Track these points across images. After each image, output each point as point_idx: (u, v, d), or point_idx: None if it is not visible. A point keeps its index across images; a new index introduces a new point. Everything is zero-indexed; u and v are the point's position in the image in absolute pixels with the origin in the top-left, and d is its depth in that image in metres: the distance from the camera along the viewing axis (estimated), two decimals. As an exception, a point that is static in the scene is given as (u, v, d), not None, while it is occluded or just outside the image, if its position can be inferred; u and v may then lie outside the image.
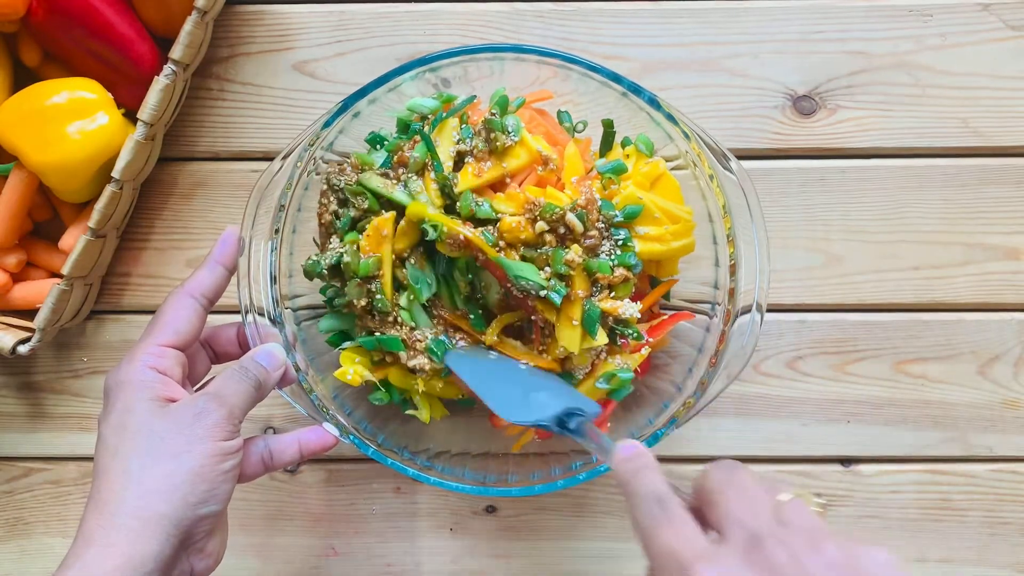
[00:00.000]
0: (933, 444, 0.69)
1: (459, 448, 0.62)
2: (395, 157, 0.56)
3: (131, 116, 0.63)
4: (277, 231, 0.55)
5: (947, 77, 0.68)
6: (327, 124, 0.54)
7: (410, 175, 0.55)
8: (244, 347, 0.56)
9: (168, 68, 0.61)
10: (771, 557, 0.35)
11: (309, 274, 0.57)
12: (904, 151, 0.68)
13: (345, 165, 0.57)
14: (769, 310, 0.68)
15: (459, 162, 0.56)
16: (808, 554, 0.35)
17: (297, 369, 0.55)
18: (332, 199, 0.57)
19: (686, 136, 0.54)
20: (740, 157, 0.68)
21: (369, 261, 0.54)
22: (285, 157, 0.55)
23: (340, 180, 0.57)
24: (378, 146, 0.58)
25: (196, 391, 0.51)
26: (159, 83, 0.61)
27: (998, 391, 0.69)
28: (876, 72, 0.68)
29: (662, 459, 0.69)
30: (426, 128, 0.56)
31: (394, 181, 0.56)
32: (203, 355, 0.56)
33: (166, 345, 0.51)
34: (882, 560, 0.36)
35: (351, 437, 0.55)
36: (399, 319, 0.56)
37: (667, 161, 0.59)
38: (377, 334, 0.56)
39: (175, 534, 0.45)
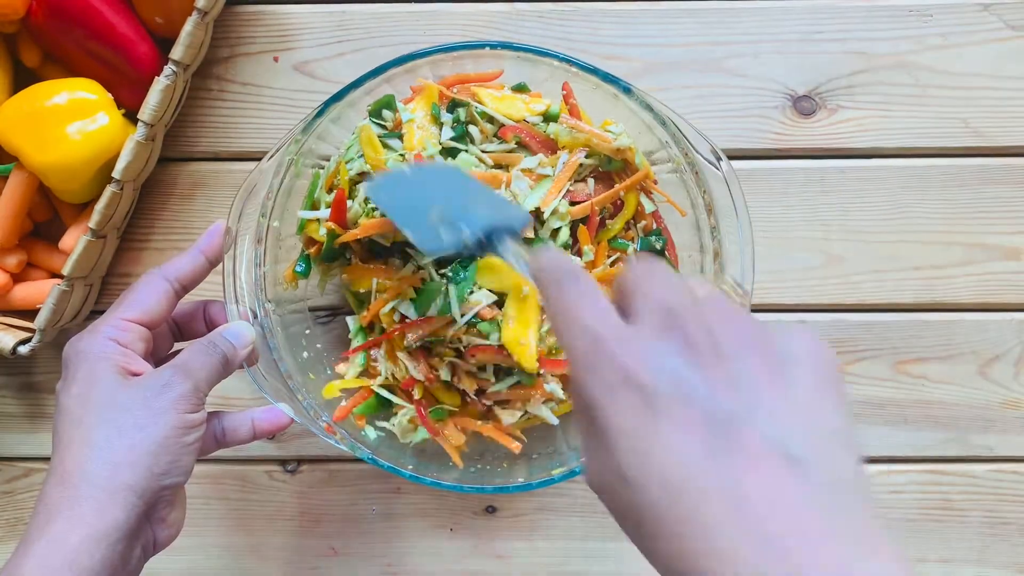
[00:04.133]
0: (933, 444, 0.69)
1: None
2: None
3: (131, 116, 0.63)
4: (263, 215, 0.55)
5: (947, 77, 0.68)
6: (319, 113, 0.54)
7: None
8: (210, 326, 0.57)
9: (168, 68, 0.61)
10: (685, 328, 0.32)
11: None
12: (904, 151, 0.68)
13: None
14: (769, 310, 0.69)
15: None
16: (723, 327, 0.33)
17: (289, 379, 0.55)
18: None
19: (662, 123, 0.54)
20: (740, 157, 0.68)
21: None
22: (275, 154, 0.55)
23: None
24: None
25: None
26: (159, 83, 0.61)
27: (998, 391, 0.69)
28: (876, 72, 0.68)
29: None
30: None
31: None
32: (167, 333, 0.56)
33: (131, 320, 0.51)
34: (803, 341, 0.33)
35: (351, 446, 0.56)
36: None
37: (649, 155, 0.59)
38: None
39: (139, 505, 0.46)
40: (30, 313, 0.66)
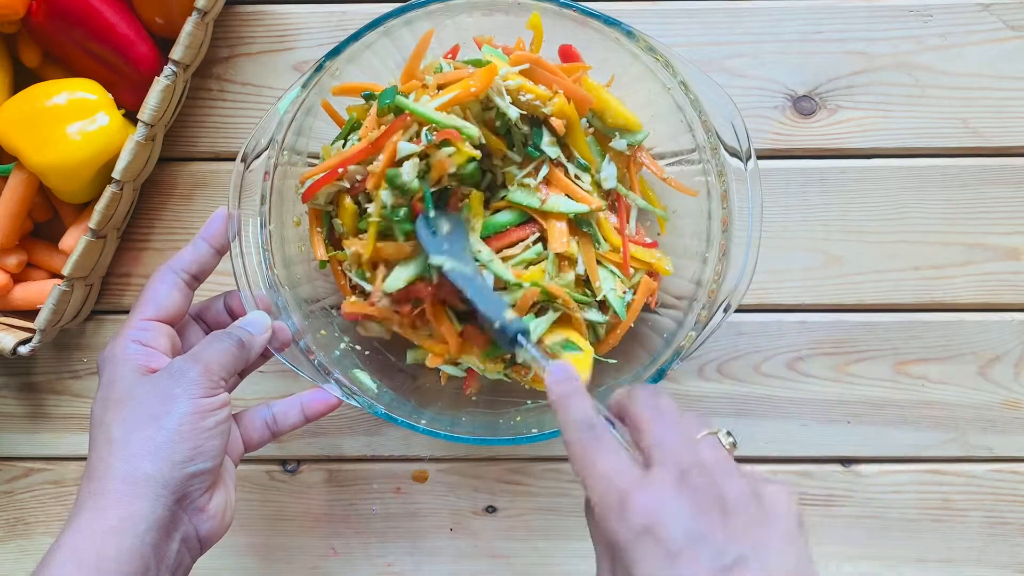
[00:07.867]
0: (933, 444, 0.69)
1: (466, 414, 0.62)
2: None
3: (131, 117, 0.63)
4: (264, 199, 0.55)
5: (947, 77, 0.68)
6: (304, 85, 0.54)
7: None
8: (234, 317, 0.57)
9: (168, 69, 0.61)
10: (696, 484, 0.40)
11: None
12: (904, 151, 0.68)
13: None
14: (769, 310, 0.69)
15: None
16: (724, 482, 0.40)
17: (297, 341, 0.56)
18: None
19: (683, 86, 0.55)
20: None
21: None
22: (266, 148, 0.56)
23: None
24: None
25: None
26: (159, 84, 0.61)
27: (998, 391, 0.69)
28: (876, 72, 0.68)
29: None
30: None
31: None
32: (196, 329, 0.57)
33: (149, 319, 0.52)
34: (777, 491, 0.41)
35: (358, 399, 0.56)
36: None
37: (674, 157, 0.60)
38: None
39: (165, 494, 0.46)
40: (30, 313, 0.66)
